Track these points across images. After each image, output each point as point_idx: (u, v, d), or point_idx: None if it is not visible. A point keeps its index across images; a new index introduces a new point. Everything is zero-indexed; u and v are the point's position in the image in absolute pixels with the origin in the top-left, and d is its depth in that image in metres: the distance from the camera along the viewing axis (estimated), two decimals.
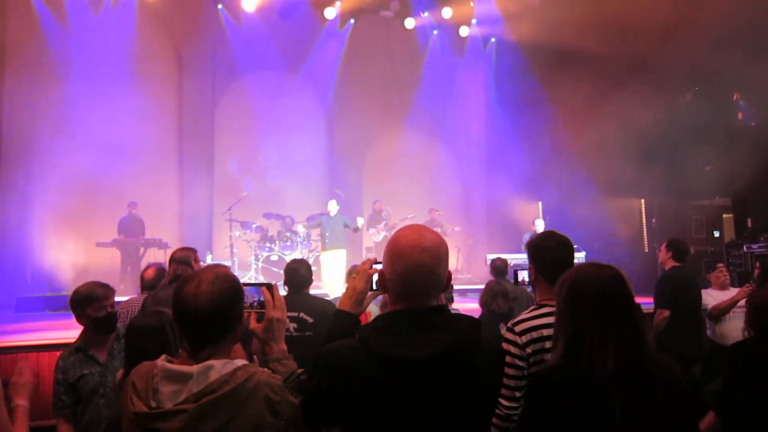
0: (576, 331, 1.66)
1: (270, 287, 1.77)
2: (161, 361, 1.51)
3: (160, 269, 4.20)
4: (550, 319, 1.97)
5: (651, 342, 1.76)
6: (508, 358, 2.24)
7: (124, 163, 10.12)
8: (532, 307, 2.39)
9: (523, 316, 2.32)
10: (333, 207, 9.50)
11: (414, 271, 1.46)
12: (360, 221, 9.83)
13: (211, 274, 1.56)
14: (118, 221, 9.84)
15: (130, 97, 10.27)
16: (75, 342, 2.95)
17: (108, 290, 2.97)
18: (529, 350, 2.20)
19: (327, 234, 9.39)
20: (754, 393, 2.61)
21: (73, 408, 2.79)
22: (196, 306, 1.50)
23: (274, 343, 1.71)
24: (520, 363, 2.22)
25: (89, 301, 2.85)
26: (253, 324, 1.74)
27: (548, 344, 2.13)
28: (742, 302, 4.58)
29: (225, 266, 1.65)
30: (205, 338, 1.53)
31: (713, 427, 2.75)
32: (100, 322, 2.87)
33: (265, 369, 1.58)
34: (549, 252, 2.42)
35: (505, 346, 2.27)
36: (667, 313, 4.52)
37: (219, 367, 1.48)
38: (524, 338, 2.23)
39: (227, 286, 1.55)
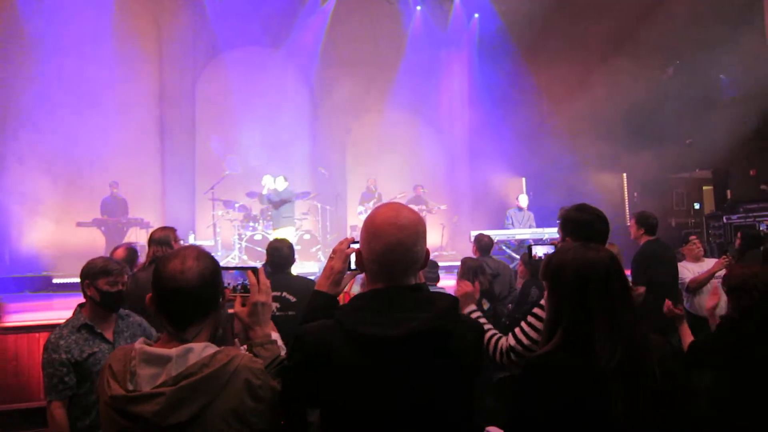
0: (583, 319, 1.62)
1: (255, 271, 1.74)
2: (139, 344, 1.48)
3: (130, 249, 4.16)
4: None
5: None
6: (534, 334, 2.25)
7: (104, 142, 9.92)
8: None
9: None
10: (281, 183, 9.08)
11: (391, 250, 1.45)
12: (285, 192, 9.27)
13: (194, 250, 1.55)
14: (100, 201, 9.72)
15: (108, 75, 10.04)
16: (73, 320, 2.79)
17: (123, 267, 2.89)
18: None
19: (273, 212, 9.14)
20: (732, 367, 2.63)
21: (73, 389, 2.66)
22: (185, 282, 1.48)
23: (258, 327, 1.68)
24: None
25: (105, 274, 2.74)
26: (237, 308, 1.72)
27: None
28: (720, 273, 4.66)
29: (199, 246, 1.64)
30: (191, 315, 1.51)
31: None
32: (112, 297, 2.76)
33: (246, 353, 1.57)
34: (589, 225, 2.37)
35: (535, 322, 2.27)
36: (642, 289, 4.56)
37: (198, 350, 1.46)
38: None
39: (210, 261, 1.54)
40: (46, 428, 2.72)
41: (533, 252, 2.98)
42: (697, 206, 12.65)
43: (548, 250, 2.86)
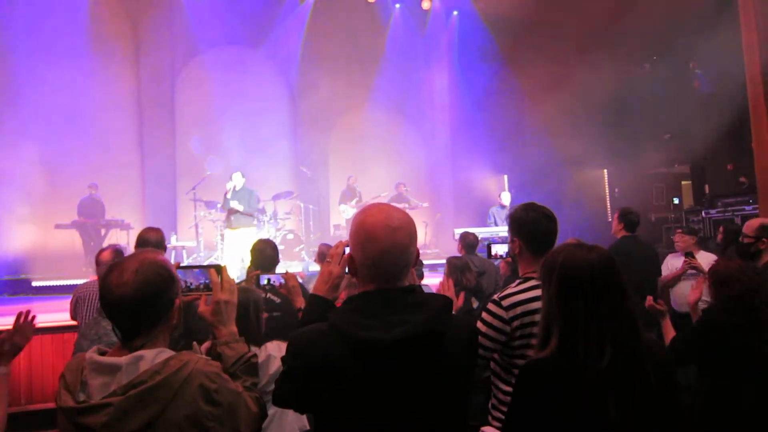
0: (570, 321, 1.60)
1: (219, 269, 1.72)
2: (90, 353, 1.45)
3: (116, 251, 4.08)
4: (538, 292, 1.89)
5: None
6: (483, 328, 2.20)
7: (81, 143, 9.77)
8: (518, 281, 2.33)
9: (510, 290, 2.26)
10: (238, 179, 8.49)
11: (389, 252, 1.43)
12: (234, 203, 8.44)
13: (136, 261, 1.49)
14: (77, 203, 9.57)
15: (85, 75, 9.87)
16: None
17: None
18: (516, 324, 2.16)
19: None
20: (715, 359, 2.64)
21: None
22: (120, 296, 1.45)
23: (222, 326, 1.66)
24: (497, 337, 2.19)
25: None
26: (202, 307, 1.70)
27: (538, 317, 2.09)
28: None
29: (154, 251, 1.59)
30: (133, 328, 1.48)
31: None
32: None
33: (201, 356, 1.54)
34: (534, 224, 2.36)
35: (487, 317, 2.23)
36: None
37: (150, 357, 1.43)
38: (510, 313, 2.18)
39: (152, 273, 1.49)
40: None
41: (492, 251, 3.01)
42: (676, 201, 12.83)
43: (507, 248, 2.89)
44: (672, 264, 5.34)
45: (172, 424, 1.39)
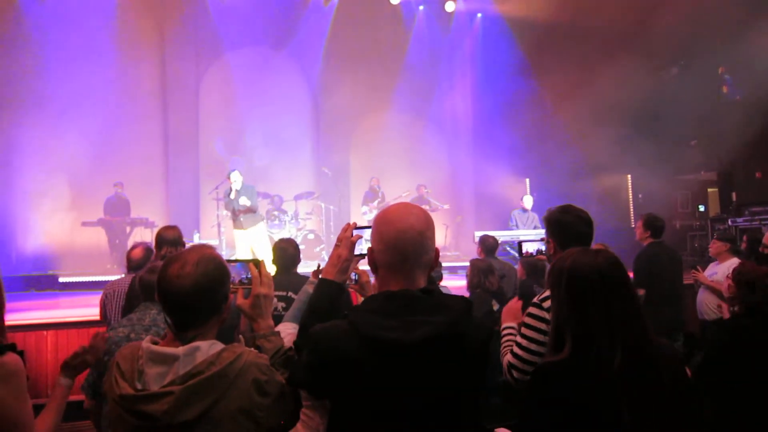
0: (582, 325, 1.61)
1: (257, 263, 1.75)
2: (146, 343, 1.49)
3: (147, 249, 4.14)
4: None
5: None
6: (529, 332, 2.23)
7: (108, 142, 9.99)
8: None
9: (548, 292, 2.30)
10: (236, 179, 8.02)
11: (404, 232, 1.45)
12: (243, 200, 7.98)
13: (196, 255, 1.53)
14: (104, 201, 9.75)
15: (112, 76, 10.12)
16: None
17: None
18: None
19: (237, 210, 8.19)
20: (739, 370, 2.56)
21: None
22: (179, 288, 1.48)
23: (261, 319, 1.70)
24: (545, 339, 2.18)
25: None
26: (240, 300, 1.73)
27: None
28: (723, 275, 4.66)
29: (210, 247, 1.62)
30: (189, 320, 1.52)
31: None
32: None
33: (252, 349, 1.57)
34: (570, 227, 2.40)
35: (530, 321, 2.26)
36: (642, 291, 4.56)
37: (205, 349, 1.47)
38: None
39: (212, 267, 1.52)
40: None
41: (524, 248, 3.04)
42: (701, 208, 12.60)
43: (539, 246, 2.91)
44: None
45: (226, 414, 1.43)
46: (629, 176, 12.58)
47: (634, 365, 1.56)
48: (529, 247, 3.07)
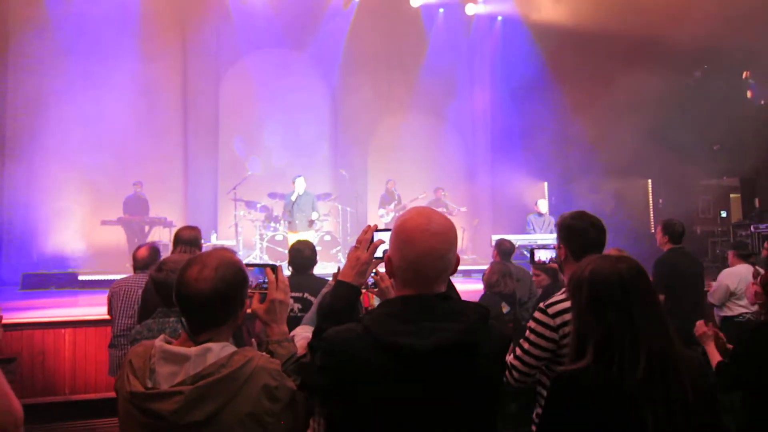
0: (605, 333, 1.58)
1: (274, 268, 1.74)
2: (159, 341, 1.49)
3: (153, 248, 4.16)
4: None
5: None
6: (532, 336, 2.25)
7: (128, 142, 10.11)
8: (563, 289, 2.32)
9: (556, 298, 2.29)
10: (300, 184, 8.82)
11: (425, 256, 1.42)
12: (315, 215, 9.07)
13: (215, 259, 1.53)
14: (123, 200, 9.87)
15: (134, 76, 10.22)
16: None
17: None
18: (563, 331, 2.19)
19: (295, 214, 9.01)
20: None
21: None
22: (197, 292, 1.48)
23: (275, 324, 1.69)
24: (547, 345, 2.23)
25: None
26: (255, 304, 1.72)
27: None
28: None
29: (230, 251, 1.63)
30: (204, 323, 1.52)
31: None
32: None
33: (263, 353, 1.57)
34: (582, 233, 2.37)
35: (534, 326, 2.27)
36: (661, 297, 4.49)
37: (217, 350, 1.47)
38: (558, 320, 2.21)
39: (231, 272, 1.52)
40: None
41: (536, 256, 3.00)
42: (723, 214, 12.41)
43: (551, 254, 2.86)
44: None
45: (235, 418, 1.43)
46: (650, 181, 12.43)
47: (658, 372, 1.52)
48: (542, 255, 3.02)
